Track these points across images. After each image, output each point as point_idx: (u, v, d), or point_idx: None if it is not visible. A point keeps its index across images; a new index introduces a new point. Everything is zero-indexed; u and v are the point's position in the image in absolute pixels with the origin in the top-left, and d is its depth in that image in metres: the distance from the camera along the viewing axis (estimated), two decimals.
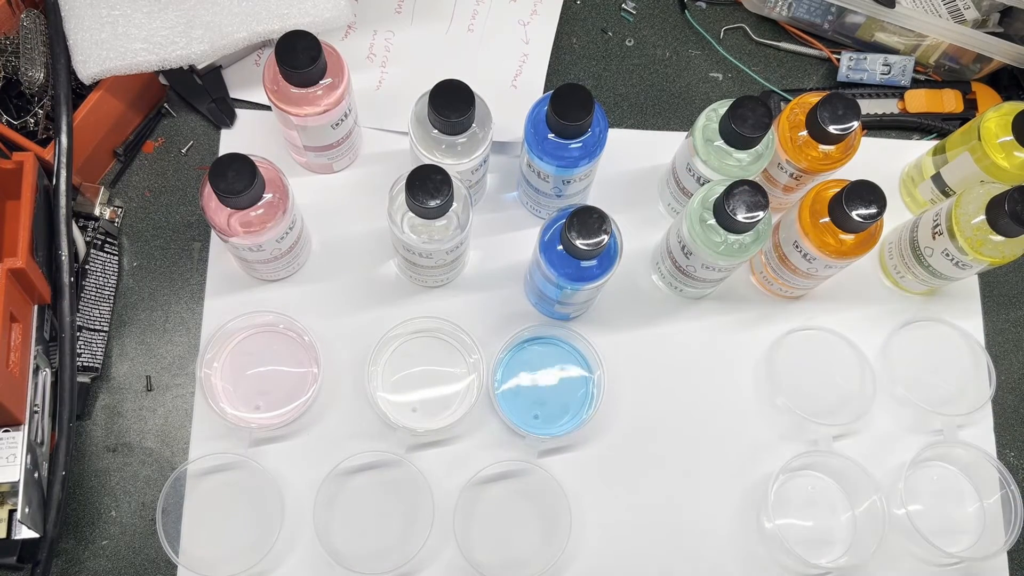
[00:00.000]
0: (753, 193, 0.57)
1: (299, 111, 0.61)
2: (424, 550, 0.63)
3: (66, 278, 0.62)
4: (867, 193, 0.60)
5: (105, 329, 0.67)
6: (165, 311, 0.69)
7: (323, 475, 0.64)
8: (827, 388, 0.70)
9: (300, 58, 0.58)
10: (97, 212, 0.68)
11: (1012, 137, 0.65)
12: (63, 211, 0.62)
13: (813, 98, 0.64)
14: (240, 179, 0.56)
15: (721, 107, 0.62)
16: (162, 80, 0.71)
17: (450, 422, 0.65)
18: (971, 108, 0.76)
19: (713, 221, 0.59)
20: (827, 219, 0.62)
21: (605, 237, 0.56)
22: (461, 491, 0.64)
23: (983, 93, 0.76)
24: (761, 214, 0.57)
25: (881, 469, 0.68)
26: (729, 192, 0.57)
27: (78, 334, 0.64)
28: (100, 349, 0.66)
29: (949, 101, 0.76)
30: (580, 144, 0.61)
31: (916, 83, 0.77)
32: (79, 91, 0.65)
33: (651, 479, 0.67)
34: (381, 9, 0.75)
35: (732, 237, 0.59)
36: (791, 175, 0.66)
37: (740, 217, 0.57)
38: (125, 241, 0.70)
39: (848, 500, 0.68)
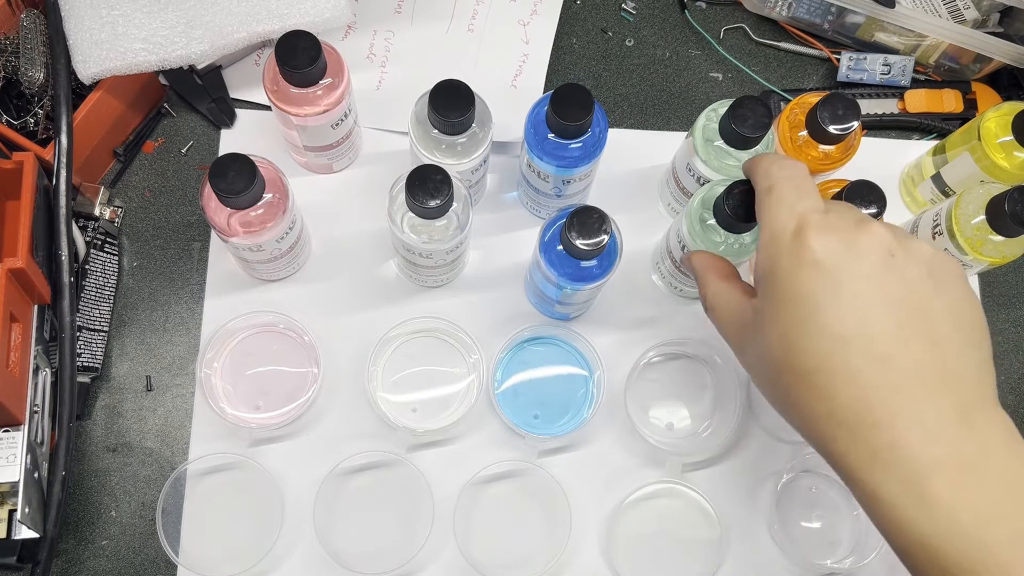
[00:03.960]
0: (752, 193, 0.57)
1: (299, 111, 0.61)
2: (424, 550, 0.63)
3: (66, 278, 0.62)
4: (867, 193, 0.60)
5: (105, 329, 0.67)
6: (165, 311, 0.69)
7: (323, 475, 0.64)
8: None
9: (300, 58, 0.58)
10: (97, 212, 0.68)
11: (1012, 137, 0.65)
12: (63, 211, 0.62)
13: (813, 98, 0.64)
14: (240, 179, 0.56)
15: (721, 107, 0.62)
16: (162, 80, 0.71)
17: (450, 422, 0.65)
18: (971, 108, 0.76)
19: (713, 221, 0.59)
20: None
21: (605, 237, 0.56)
22: (461, 491, 0.64)
23: (983, 93, 0.76)
24: None
25: None
26: (729, 192, 0.57)
27: (78, 334, 0.64)
28: (100, 349, 0.66)
29: (949, 101, 0.76)
30: (580, 144, 0.61)
31: (916, 83, 0.77)
32: (79, 91, 0.65)
33: (651, 479, 0.67)
34: (381, 9, 0.75)
35: (732, 237, 0.59)
36: None
37: None
38: (125, 241, 0.70)
39: (851, 500, 0.68)
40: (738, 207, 0.56)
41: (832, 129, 0.62)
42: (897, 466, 0.41)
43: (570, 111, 0.58)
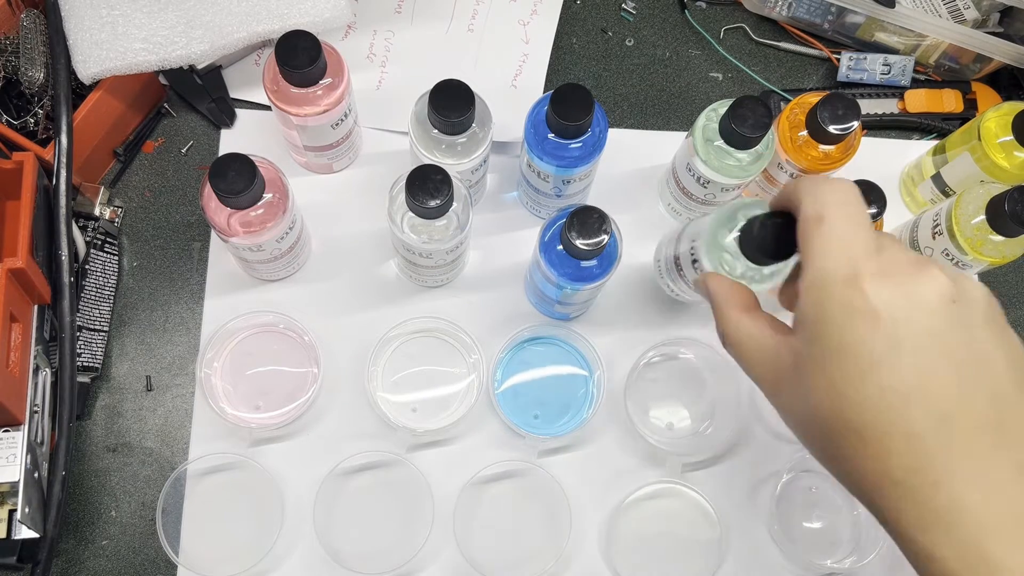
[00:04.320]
0: (786, 226, 0.46)
1: (299, 111, 0.61)
2: (424, 550, 0.63)
3: (66, 278, 0.62)
4: (867, 193, 0.60)
5: (105, 329, 0.67)
6: (165, 311, 0.69)
7: (323, 475, 0.64)
8: None
9: (300, 58, 0.58)
10: (97, 212, 0.68)
11: (1012, 137, 0.65)
12: (63, 211, 0.62)
13: (813, 98, 0.64)
14: (240, 179, 0.56)
15: (721, 107, 0.62)
16: (162, 80, 0.71)
17: (450, 422, 0.65)
18: (971, 108, 0.76)
19: (731, 239, 0.54)
20: None
21: (605, 237, 0.56)
22: (461, 491, 0.64)
23: (983, 93, 0.76)
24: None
25: None
26: (762, 223, 0.48)
27: (78, 334, 0.64)
28: (100, 349, 0.66)
29: (949, 101, 0.76)
30: (580, 144, 0.61)
31: (916, 83, 0.77)
32: (79, 91, 0.65)
33: (651, 479, 0.67)
34: (381, 9, 0.75)
35: (753, 268, 0.56)
36: (791, 175, 0.66)
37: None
38: (125, 241, 0.70)
39: (851, 500, 0.68)
40: (768, 241, 0.47)
41: (832, 129, 0.62)
42: (955, 528, 0.39)
43: (570, 111, 0.58)
